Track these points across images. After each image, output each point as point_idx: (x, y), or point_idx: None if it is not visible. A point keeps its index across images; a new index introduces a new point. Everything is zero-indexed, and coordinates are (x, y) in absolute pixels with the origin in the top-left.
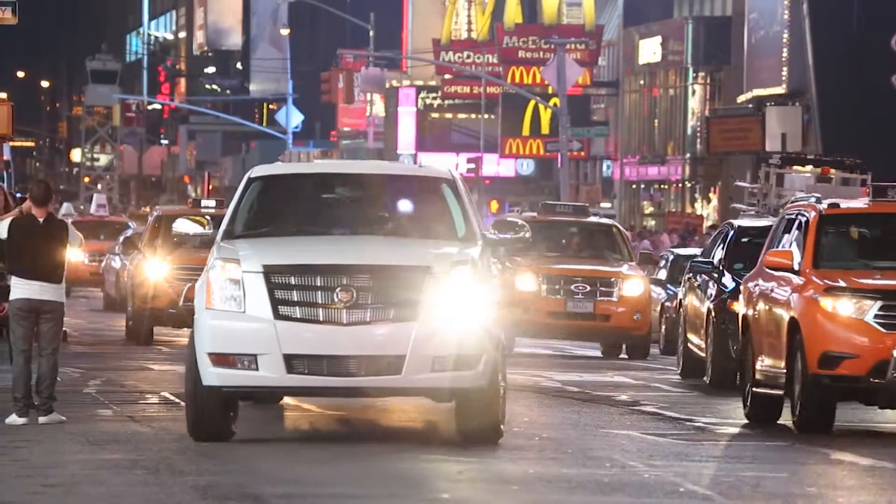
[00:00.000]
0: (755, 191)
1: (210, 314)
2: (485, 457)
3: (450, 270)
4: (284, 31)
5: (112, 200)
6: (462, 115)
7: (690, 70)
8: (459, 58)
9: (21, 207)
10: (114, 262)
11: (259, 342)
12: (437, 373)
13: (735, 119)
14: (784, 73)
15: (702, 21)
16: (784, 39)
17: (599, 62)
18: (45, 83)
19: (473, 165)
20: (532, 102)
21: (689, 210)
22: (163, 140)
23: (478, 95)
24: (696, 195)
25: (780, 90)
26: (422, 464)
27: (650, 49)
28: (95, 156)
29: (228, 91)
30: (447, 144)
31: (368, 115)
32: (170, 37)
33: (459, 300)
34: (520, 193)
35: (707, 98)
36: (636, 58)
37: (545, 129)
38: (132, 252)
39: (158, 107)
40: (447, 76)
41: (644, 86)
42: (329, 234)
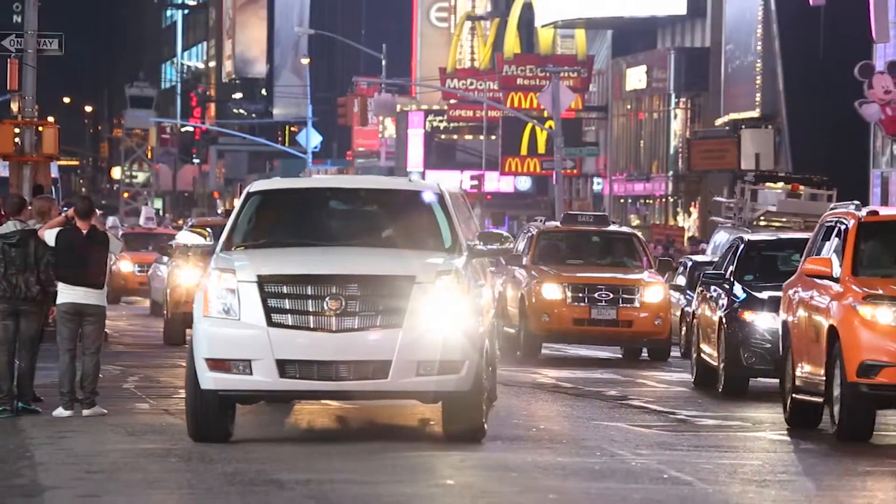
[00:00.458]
0: (731, 205)
1: (207, 321)
2: (486, 447)
3: (435, 280)
4: (305, 61)
5: (159, 213)
6: (467, 137)
7: (673, 96)
8: (463, 84)
9: (66, 214)
10: (159, 271)
11: (253, 348)
12: (423, 377)
13: (713, 140)
14: (757, 99)
15: (683, 52)
16: (757, 68)
17: (590, 89)
18: (89, 108)
19: (476, 182)
20: (529, 125)
21: (672, 223)
22: (195, 159)
23: (480, 119)
24: (679, 209)
25: (754, 114)
26: (427, 454)
27: (636, 77)
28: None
29: (254, 115)
30: (452, 163)
31: (381, 137)
32: (201, 66)
33: (444, 308)
34: (518, 207)
35: (688, 121)
36: (623, 85)
37: (541, 149)
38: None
39: (191, 129)
40: (452, 101)
41: (631, 110)
42: (322, 246)
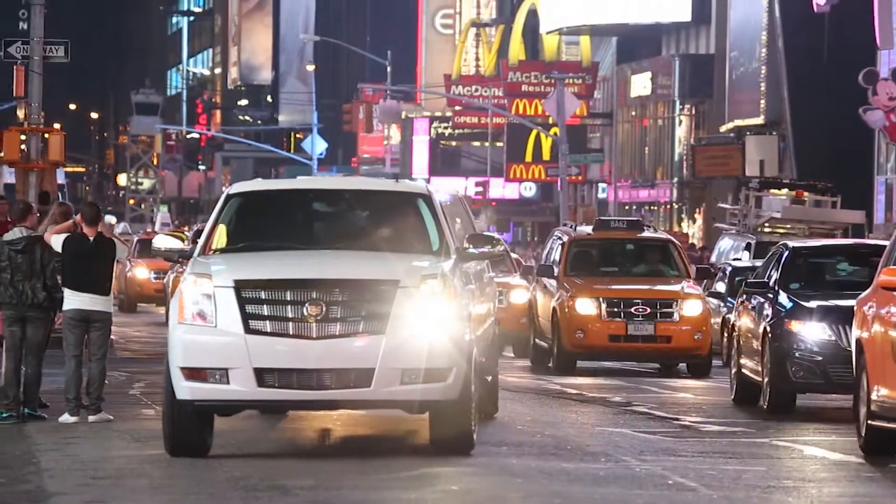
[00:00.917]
0: (736, 212)
1: (182, 328)
2: (491, 453)
3: (420, 284)
4: (310, 67)
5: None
6: (472, 143)
7: (677, 102)
8: (468, 91)
9: (74, 220)
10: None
11: (230, 356)
12: (407, 385)
13: (718, 147)
14: (762, 105)
15: (687, 58)
16: (762, 75)
17: (595, 95)
18: (94, 115)
19: (481, 188)
20: (534, 131)
21: (677, 229)
22: (200, 166)
23: (485, 125)
24: (683, 216)
25: (759, 121)
26: (432, 459)
27: (641, 83)
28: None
29: (259, 121)
30: (457, 169)
31: (386, 143)
32: (206, 73)
33: (429, 313)
34: (523, 214)
35: (692, 128)
36: (628, 91)
37: (546, 156)
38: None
39: (196, 136)
40: (457, 108)
41: (635, 116)
42: (303, 249)
